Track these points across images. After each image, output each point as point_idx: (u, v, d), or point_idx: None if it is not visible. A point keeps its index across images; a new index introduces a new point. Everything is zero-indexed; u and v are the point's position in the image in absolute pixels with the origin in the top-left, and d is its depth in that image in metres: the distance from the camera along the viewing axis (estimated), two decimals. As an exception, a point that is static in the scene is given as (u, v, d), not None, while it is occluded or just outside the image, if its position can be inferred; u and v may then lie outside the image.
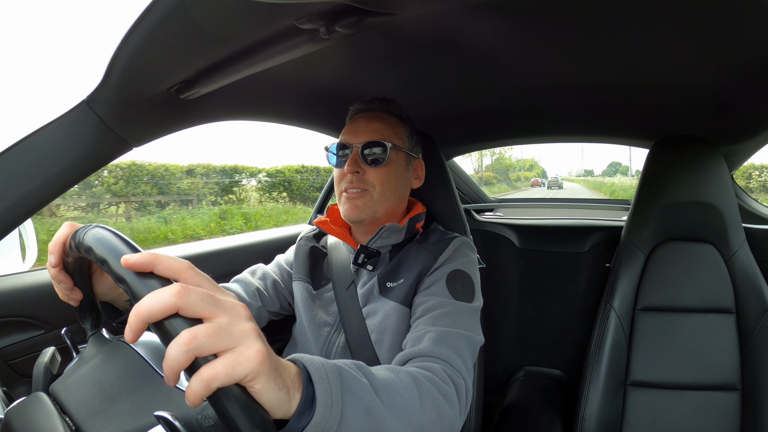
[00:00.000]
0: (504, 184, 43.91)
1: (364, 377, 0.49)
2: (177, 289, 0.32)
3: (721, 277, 1.12)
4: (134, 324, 0.32)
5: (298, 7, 0.52)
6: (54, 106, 4.48)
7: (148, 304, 0.32)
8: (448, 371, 0.64)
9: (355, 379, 0.47)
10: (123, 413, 0.43)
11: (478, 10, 0.63)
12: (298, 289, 0.91)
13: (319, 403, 0.40)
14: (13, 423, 0.44)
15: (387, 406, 0.49)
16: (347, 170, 0.82)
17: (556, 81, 0.96)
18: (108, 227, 0.42)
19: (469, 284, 0.80)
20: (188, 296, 0.33)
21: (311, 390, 0.41)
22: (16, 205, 0.64)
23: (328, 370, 0.43)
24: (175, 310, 0.32)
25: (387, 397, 0.50)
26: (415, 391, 0.55)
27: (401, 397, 0.52)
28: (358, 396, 0.45)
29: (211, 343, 0.32)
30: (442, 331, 0.70)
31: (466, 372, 0.68)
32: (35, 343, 0.80)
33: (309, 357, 0.44)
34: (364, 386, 0.47)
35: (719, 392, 1.08)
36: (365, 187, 0.83)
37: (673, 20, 0.65)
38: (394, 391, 0.52)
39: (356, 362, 0.51)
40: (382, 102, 0.88)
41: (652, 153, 1.19)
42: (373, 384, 0.49)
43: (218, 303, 0.34)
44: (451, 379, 0.63)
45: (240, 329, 0.34)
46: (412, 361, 0.66)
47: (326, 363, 0.44)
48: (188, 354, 0.31)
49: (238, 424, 0.32)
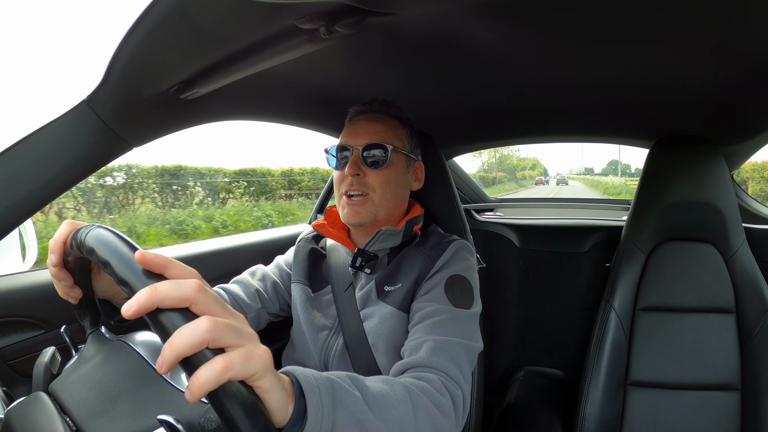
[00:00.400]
0: (513, 182, 44.96)
1: (357, 390, 0.50)
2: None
3: (721, 277, 1.12)
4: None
5: (298, 7, 0.52)
6: (54, 106, 4.46)
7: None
8: (445, 382, 0.64)
9: (347, 392, 0.47)
10: (124, 415, 0.43)
11: (478, 10, 0.63)
12: (297, 291, 0.90)
13: (309, 416, 0.41)
14: (13, 423, 0.44)
15: (379, 418, 0.49)
16: (348, 173, 0.82)
17: (557, 81, 0.96)
18: (109, 227, 0.42)
19: (468, 289, 0.79)
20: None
21: (303, 403, 0.41)
22: (16, 205, 0.64)
23: (320, 383, 0.44)
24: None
25: (380, 410, 0.50)
26: (409, 403, 0.55)
27: (395, 409, 0.53)
28: (350, 409, 0.46)
29: (229, 336, 0.34)
30: (440, 340, 0.69)
31: (464, 382, 0.67)
32: (35, 343, 0.80)
33: (302, 370, 0.45)
34: (357, 399, 0.48)
35: (719, 392, 1.08)
36: (366, 191, 0.82)
37: (673, 20, 0.65)
38: (387, 403, 0.52)
39: (350, 374, 0.52)
40: (381, 104, 0.88)
41: (652, 153, 1.19)
42: (365, 397, 0.50)
43: (238, 331, 0.35)
44: (447, 390, 0.63)
45: (248, 332, 0.36)
46: (409, 371, 0.66)
47: (318, 376, 0.45)
48: (202, 345, 0.32)
49: (241, 427, 0.32)
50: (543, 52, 0.80)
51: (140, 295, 0.32)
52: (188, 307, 0.34)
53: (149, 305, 0.32)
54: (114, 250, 0.38)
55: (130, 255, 0.37)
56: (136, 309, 0.32)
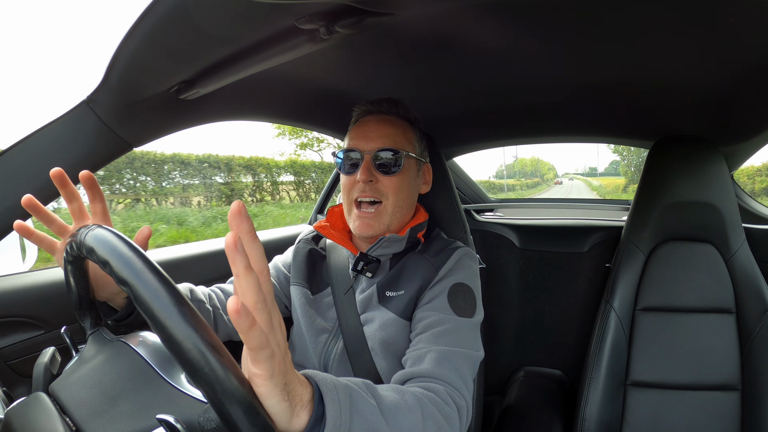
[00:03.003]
0: (543, 184, 51.53)
1: (373, 399, 0.50)
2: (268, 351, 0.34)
3: (721, 277, 1.12)
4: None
5: (298, 7, 0.52)
6: (54, 106, 4.48)
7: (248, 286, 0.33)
8: (450, 393, 0.64)
9: (364, 400, 0.48)
10: (124, 414, 0.43)
11: (478, 10, 0.63)
12: (296, 294, 0.89)
13: (328, 423, 0.41)
14: (13, 423, 0.44)
15: (392, 427, 0.50)
16: (360, 179, 0.79)
17: (557, 81, 0.96)
18: (109, 228, 0.42)
19: (471, 298, 0.79)
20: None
21: (321, 409, 0.41)
22: (17, 205, 0.64)
23: (340, 390, 0.44)
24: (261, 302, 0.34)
25: (393, 419, 0.51)
26: (419, 413, 0.55)
27: (406, 419, 0.53)
28: (366, 417, 0.46)
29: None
30: (444, 350, 0.69)
31: (467, 392, 0.67)
32: (35, 343, 0.80)
33: (322, 375, 0.45)
34: (372, 408, 0.48)
35: (719, 392, 1.08)
36: (378, 197, 0.80)
37: (674, 21, 0.65)
38: (399, 413, 0.52)
39: (365, 382, 0.52)
40: (390, 103, 0.85)
41: (653, 153, 1.19)
42: (380, 405, 0.50)
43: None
44: (453, 401, 0.63)
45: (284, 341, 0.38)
46: (413, 381, 0.66)
47: (338, 383, 0.45)
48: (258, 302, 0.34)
49: (240, 427, 0.32)
50: (543, 52, 0.80)
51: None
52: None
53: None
54: (113, 249, 0.38)
55: (129, 254, 0.37)
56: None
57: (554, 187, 48.75)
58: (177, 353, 0.33)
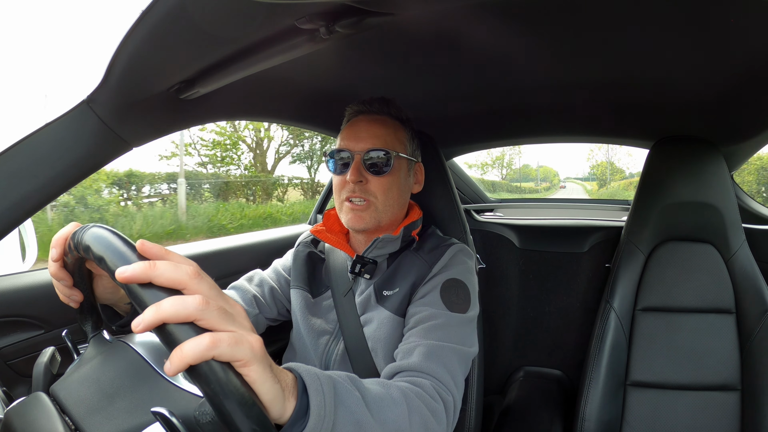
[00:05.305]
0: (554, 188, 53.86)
1: (357, 391, 0.50)
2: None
3: (721, 277, 1.12)
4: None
5: (298, 7, 0.52)
6: (54, 106, 4.46)
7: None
8: (437, 387, 0.64)
9: (348, 392, 0.48)
10: (121, 411, 0.43)
11: (478, 11, 0.63)
12: (296, 297, 0.89)
13: (312, 414, 0.41)
14: (13, 423, 0.44)
15: (377, 420, 0.50)
16: (350, 179, 0.80)
17: (557, 81, 0.96)
18: (107, 226, 0.42)
19: (465, 293, 0.78)
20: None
21: (305, 400, 0.41)
22: (16, 205, 0.64)
23: (323, 381, 0.44)
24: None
25: (378, 412, 0.51)
26: (405, 406, 0.55)
27: (391, 412, 0.53)
28: (350, 409, 0.46)
29: (219, 319, 0.34)
30: (433, 345, 0.69)
31: (455, 388, 0.67)
32: (35, 343, 0.80)
33: (305, 367, 0.45)
34: (357, 400, 0.48)
35: (719, 392, 1.08)
36: (368, 197, 0.81)
37: (674, 20, 0.65)
38: (384, 405, 0.52)
39: (350, 375, 0.52)
40: (381, 103, 0.85)
41: (652, 153, 1.19)
42: (365, 398, 0.50)
43: (230, 317, 0.36)
44: (440, 396, 0.63)
45: (242, 322, 0.37)
46: (401, 375, 0.65)
47: (322, 374, 0.45)
48: (188, 318, 0.33)
49: (235, 419, 0.32)
50: (543, 52, 0.80)
51: (136, 267, 0.34)
52: (182, 290, 0.34)
53: (143, 278, 0.34)
54: (108, 245, 0.38)
55: (124, 249, 0.37)
56: (130, 275, 0.34)
57: (560, 190, 51.76)
58: (172, 347, 0.33)
